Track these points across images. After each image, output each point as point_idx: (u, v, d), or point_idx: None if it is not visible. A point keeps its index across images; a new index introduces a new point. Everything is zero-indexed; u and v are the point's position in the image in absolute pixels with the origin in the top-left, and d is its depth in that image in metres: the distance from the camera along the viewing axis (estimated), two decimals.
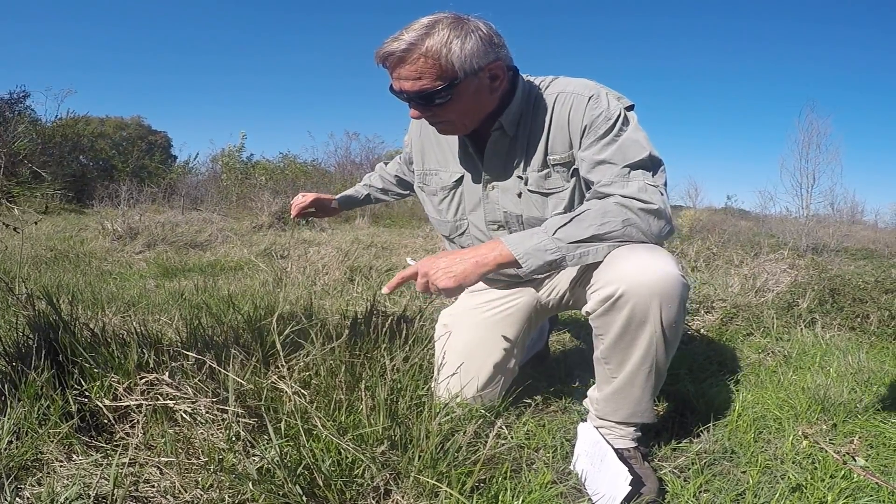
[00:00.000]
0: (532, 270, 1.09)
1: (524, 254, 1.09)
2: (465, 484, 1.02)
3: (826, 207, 7.78)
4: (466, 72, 1.09)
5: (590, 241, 1.08)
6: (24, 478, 1.02)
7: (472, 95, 1.14)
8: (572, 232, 1.09)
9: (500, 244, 1.11)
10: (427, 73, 1.09)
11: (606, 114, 1.16)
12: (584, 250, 1.09)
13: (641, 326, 1.08)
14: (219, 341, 1.49)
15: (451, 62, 1.08)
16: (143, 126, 15.08)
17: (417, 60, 1.08)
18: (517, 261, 1.09)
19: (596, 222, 1.08)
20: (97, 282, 3.02)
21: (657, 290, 1.05)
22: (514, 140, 1.24)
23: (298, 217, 1.70)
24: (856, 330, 2.27)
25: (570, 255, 1.09)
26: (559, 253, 1.08)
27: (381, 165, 1.78)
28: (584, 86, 1.21)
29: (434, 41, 1.07)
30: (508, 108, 1.21)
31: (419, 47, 1.07)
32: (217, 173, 10.74)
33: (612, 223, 1.08)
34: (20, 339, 1.35)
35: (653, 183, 1.13)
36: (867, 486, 1.11)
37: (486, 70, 1.12)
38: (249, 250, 4.35)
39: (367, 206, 1.89)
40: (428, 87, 1.10)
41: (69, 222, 6.03)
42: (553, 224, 1.11)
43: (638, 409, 1.16)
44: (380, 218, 8.22)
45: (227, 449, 1.05)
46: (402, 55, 1.08)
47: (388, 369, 1.31)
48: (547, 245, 1.08)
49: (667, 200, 1.14)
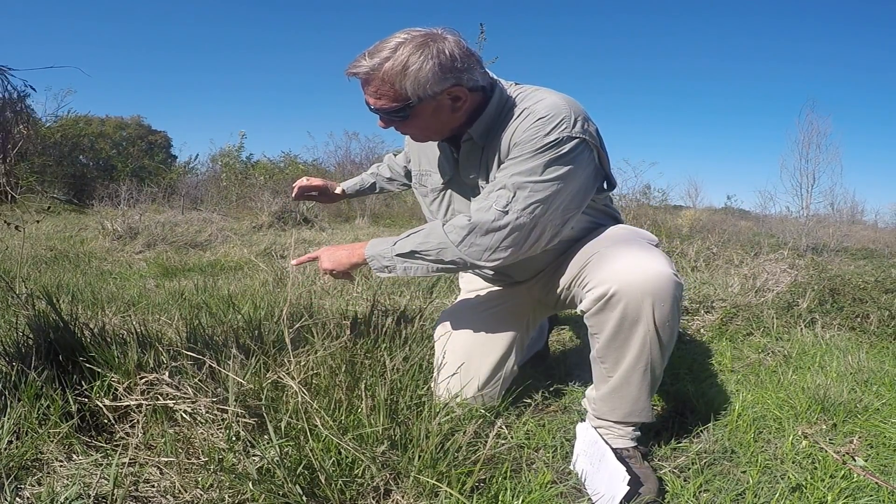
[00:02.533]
0: (376, 270, 1.24)
1: (371, 256, 1.24)
2: (465, 484, 1.02)
3: (826, 207, 7.78)
4: (420, 97, 1.12)
5: (411, 255, 1.20)
6: (24, 478, 1.02)
7: (431, 115, 1.18)
8: (403, 245, 1.21)
9: (366, 243, 1.27)
10: (385, 95, 1.14)
11: (538, 140, 1.12)
12: (408, 265, 1.21)
13: (634, 325, 1.08)
14: (219, 341, 1.49)
15: (405, 88, 1.11)
16: (143, 126, 15.06)
17: (378, 83, 1.13)
18: (365, 260, 1.24)
19: (419, 240, 1.20)
20: (97, 282, 3.02)
21: (649, 290, 1.06)
22: (483, 150, 1.25)
23: (299, 198, 1.70)
24: (856, 330, 2.28)
25: (398, 265, 1.22)
26: (390, 262, 1.23)
27: (389, 156, 1.80)
28: (548, 106, 1.14)
29: (391, 65, 1.10)
30: (479, 120, 1.22)
31: (378, 72, 1.12)
32: (217, 173, 10.73)
33: (430, 244, 1.19)
34: (20, 339, 1.35)
35: (502, 207, 1.13)
36: (867, 486, 1.11)
37: (444, 93, 1.14)
38: (249, 250, 4.35)
39: (371, 194, 1.94)
40: (386, 107, 1.15)
41: (69, 222, 6.03)
42: (403, 234, 1.23)
43: (635, 409, 1.16)
44: (380, 218, 8.23)
45: (227, 449, 1.05)
46: (364, 77, 1.14)
47: (388, 369, 1.31)
48: (385, 252, 1.23)
49: (512, 221, 1.13)
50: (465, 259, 1.18)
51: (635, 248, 1.12)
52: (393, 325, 1.60)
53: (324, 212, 7.49)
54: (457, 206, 1.36)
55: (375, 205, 8.82)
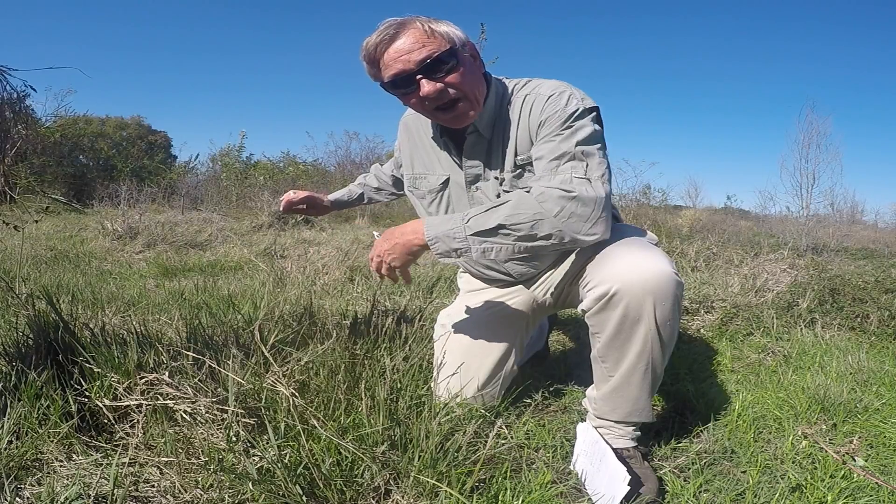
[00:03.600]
0: (439, 254, 1.09)
1: (434, 237, 1.09)
2: (465, 484, 1.02)
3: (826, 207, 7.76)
4: (455, 42, 1.14)
5: (494, 231, 1.07)
6: (24, 478, 1.02)
7: (469, 66, 1.18)
8: (482, 221, 1.08)
9: (420, 224, 1.12)
10: (428, 42, 1.11)
11: (560, 112, 1.17)
12: (488, 245, 1.08)
13: (636, 324, 1.08)
14: (219, 341, 1.49)
15: (442, 33, 1.13)
16: (143, 126, 15.06)
17: (415, 33, 1.11)
18: (426, 244, 1.09)
19: (505, 213, 1.07)
20: (97, 282, 3.01)
21: (650, 289, 1.06)
22: (490, 142, 1.27)
23: (286, 212, 1.71)
24: (856, 330, 2.27)
25: (473, 247, 1.08)
26: (464, 243, 1.08)
27: (376, 166, 1.80)
28: (550, 86, 1.22)
29: (419, 22, 1.12)
30: (481, 112, 1.23)
31: (411, 24, 1.12)
32: (217, 173, 10.73)
33: (522, 216, 1.06)
34: (20, 338, 1.35)
35: (583, 176, 1.11)
36: (867, 486, 1.11)
37: (467, 46, 1.17)
38: (249, 250, 4.34)
39: (360, 205, 1.89)
40: (435, 51, 1.11)
41: (69, 222, 6.02)
42: (472, 211, 1.11)
43: (636, 408, 1.16)
44: (380, 218, 8.22)
45: (226, 449, 1.05)
46: (396, 31, 1.11)
47: (388, 369, 1.31)
48: (456, 233, 1.08)
49: (600, 191, 1.09)
50: (563, 232, 1.07)
51: (636, 248, 1.11)
52: (393, 325, 1.60)
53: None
54: (455, 207, 1.37)
55: (376, 205, 8.81)
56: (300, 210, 1.72)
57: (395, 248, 1.14)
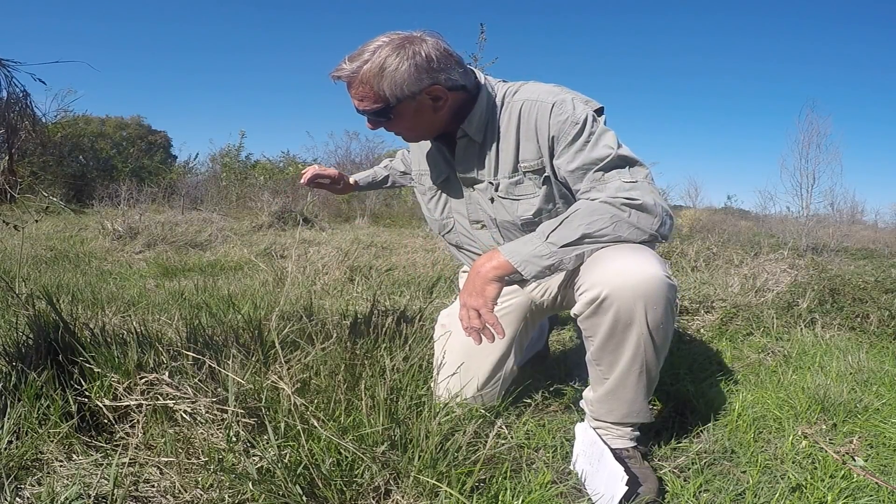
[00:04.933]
0: (534, 276, 1.10)
1: (521, 262, 1.09)
2: (465, 484, 1.02)
3: (826, 207, 7.77)
4: (399, 98, 1.15)
5: (580, 241, 1.09)
6: (24, 478, 1.02)
7: (413, 115, 1.20)
8: (564, 234, 1.09)
9: (497, 255, 1.12)
10: (366, 97, 1.17)
11: (572, 119, 1.18)
12: (579, 251, 1.10)
13: (628, 328, 1.07)
14: (219, 341, 1.49)
15: (383, 89, 1.15)
16: (143, 126, 15.06)
17: (358, 86, 1.17)
18: (517, 270, 1.10)
19: (584, 221, 1.09)
20: (97, 282, 3.01)
21: (641, 292, 1.04)
22: (482, 146, 1.28)
23: (309, 184, 1.68)
24: (856, 330, 2.28)
25: (566, 258, 1.09)
26: (555, 258, 1.09)
27: (402, 151, 1.82)
28: (549, 92, 1.23)
29: (369, 68, 1.14)
30: (469, 117, 1.24)
31: (357, 75, 1.15)
32: (217, 173, 10.74)
33: (601, 220, 1.09)
34: (20, 339, 1.35)
35: (631, 179, 1.14)
36: (867, 486, 1.11)
37: (423, 93, 1.17)
38: (249, 250, 4.34)
39: (383, 188, 1.93)
40: (369, 108, 1.18)
41: (69, 222, 6.02)
42: (545, 228, 1.12)
43: (633, 410, 1.16)
44: (380, 218, 8.23)
45: (226, 449, 1.05)
46: (347, 80, 1.18)
47: (388, 369, 1.31)
48: (542, 251, 1.09)
49: (654, 193, 1.13)
50: (644, 228, 1.11)
51: (627, 250, 1.09)
52: (393, 325, 1.60)
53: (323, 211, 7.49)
54: (453, 206, 1.38)
55: (375, 204, 8.83)
56: (322, 185, 1.71)
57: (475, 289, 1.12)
